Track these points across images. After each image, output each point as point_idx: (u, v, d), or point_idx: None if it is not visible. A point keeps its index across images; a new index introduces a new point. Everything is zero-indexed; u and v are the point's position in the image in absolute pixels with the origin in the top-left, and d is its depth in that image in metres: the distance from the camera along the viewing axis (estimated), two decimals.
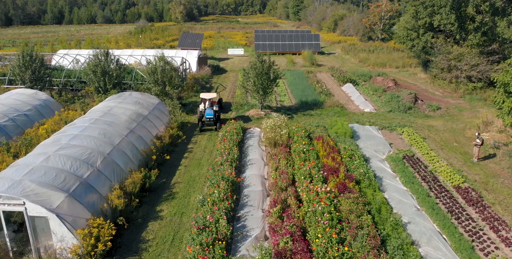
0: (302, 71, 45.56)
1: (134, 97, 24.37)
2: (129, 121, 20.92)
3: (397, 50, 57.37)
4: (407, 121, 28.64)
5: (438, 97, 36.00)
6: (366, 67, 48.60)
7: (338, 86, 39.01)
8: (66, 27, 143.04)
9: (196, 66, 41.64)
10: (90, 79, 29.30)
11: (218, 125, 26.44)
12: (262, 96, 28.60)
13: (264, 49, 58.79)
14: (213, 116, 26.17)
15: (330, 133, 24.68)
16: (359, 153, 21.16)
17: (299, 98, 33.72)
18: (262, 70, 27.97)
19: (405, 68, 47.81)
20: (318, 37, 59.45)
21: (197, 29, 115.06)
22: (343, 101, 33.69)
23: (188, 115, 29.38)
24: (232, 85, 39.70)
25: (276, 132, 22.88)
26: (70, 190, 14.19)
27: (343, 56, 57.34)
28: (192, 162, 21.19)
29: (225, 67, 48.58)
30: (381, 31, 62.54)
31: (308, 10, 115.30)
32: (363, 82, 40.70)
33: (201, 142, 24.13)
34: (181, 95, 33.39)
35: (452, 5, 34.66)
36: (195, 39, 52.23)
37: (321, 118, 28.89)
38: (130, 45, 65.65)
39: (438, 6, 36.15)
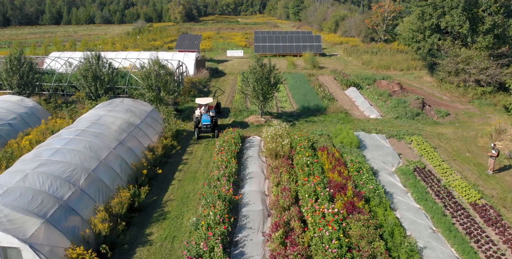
0: (304, 74, 44.03)
1: (125, 105, 22.83)
2: (119, 132, 19.38)
3: (401, 51, 55.87)
4: (415, 129, 27.11)
5: (446, 102, 34.47)
6: (370, 70, 47.06)
7: (341, 90, 37.48)
8: (64, 27, 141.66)
9: (193, 69, 40.11)
10: (80, 84, 27.78)
11: (216, 132, 25.02)
12: (262, 102, 27.07)
13: (264, 51, 57.28)
14: (209, 123, 24.73)
15: (335, 142, 23.14)
16: (367, 166, 19.62)
17: (301, 103, 32.18)
18: (262, 75, 26.44)
19: (410, 70, 46.29)
20: (319, 39, 57.93)
21: (196, 29, 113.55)
22: (347, 106, 32.15)
23: (184, 122, 27.85)
24: (231, 89, 38.17)
25: (277, 142, 21.35)
26: (47, 215, 12.66)
27: (345, 58, 55.80)
28: (187, 175, 19.64)
29: (223, 69, 47.05)
30: (384, 32, 61.00)
31: (309, 10, 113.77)
32: (367, 85, 39.17)
33: (197, 153, 22.58)
34: (177, 100, 31.85)
35: (464, 6, 33.10)
36: (193, 41, 50.71)
37: (325, 125, 27.36)
38: (126, 46, 64.12)
39: (449, 7, 34.58)
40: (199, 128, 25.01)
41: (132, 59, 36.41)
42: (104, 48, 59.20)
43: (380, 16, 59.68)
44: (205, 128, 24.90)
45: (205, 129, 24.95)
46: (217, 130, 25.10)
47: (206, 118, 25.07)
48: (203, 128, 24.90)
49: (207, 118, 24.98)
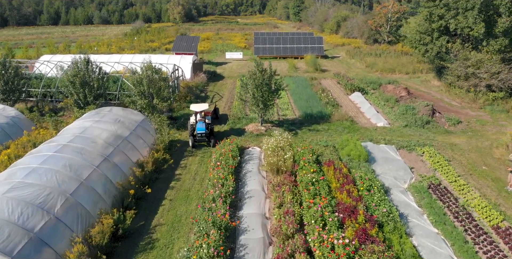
0: (305, 77, 42.25)
1: (114, 114, 21.05)
2: (105, 146, 17.60)
3: (405, 54, 54.07)
4: (426, 138, 25.33)
5: (456, 108, 32.70)
6: (374, 73, 45.28)
7: (345, 95, 35.69)
8: (62, 28, 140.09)
9: (190, 73, 38.32)
10: (68, 91, 25.99)
11: (212, 142, 23.43)
12: (262, 110, 25.29)
13: (264, 53, 55.50)
14: (205, 131, 23.19)
15: (342, 155, 21.35)
16: (378, 184, 17.83)
17: (304, 109, 30.40)
18: (263, 81, 24.65)
19: (416, 74, 44.50)
20: (321, 40, 56.13)
21: (195, 30, 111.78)
22: (352, 113, 30.37)
23: (179, 131, 26.08)
24: (230, 93, 36.37)
25: (278, 156, 19.58)
26: (14, 252, 10.89)
27: (348, 60, 54.01)
28: (179, 194, 17.85)
29: (222, 73, 45.26)
30: (388, 33, 59.21)
31: (309, 10, 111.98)
32: (372, 90, 37.37)
33: (191, 167, 20.79)
34: (172, 107, 30.09)
35: (480, 8, 31.27)
36: (191, 43, 48.94)
37: (329, 134, 25.57)
38: (122, 48, 62.32)
39: (463, 9, 32.76)
40: (194, 136, 23.44)
41: (125, 63, 34.62)
42: (99, 50, 57.43)
43: (383, 17, 57.88)
44: (200, 136, 23.36)
45: (199, 138, 23.41)
46: (213, 140, 23.50)
47: (201, 126, 23.49)
48: (197, 137, 23.37)
49: (202, 126, 23.42)
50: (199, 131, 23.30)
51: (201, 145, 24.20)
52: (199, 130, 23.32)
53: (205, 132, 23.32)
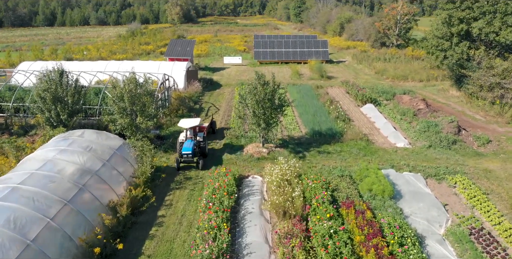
0: (310, 86, 38.59)
1: (85, 140, 17.37)
2: (67, 187, 13.94)
3: (416, 58, 50.46)
4: (455, 163, 21.67)
5: (481, 123, 29.05)
6: (385, 80, 41.64)
7: (356, 107, 32.03)
8: (58, 29, 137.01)
9: (183, 82, 34.63)
10: (37, 107, 22.32)
11: (201, 162, 20.51)
12: (264, 130, 21.62)
13: (265, 57, 51.86)
14: (191, 151, 20.33)
15: (362, 189, 17.69)
16: (411, 233, 14.17)
17: (311, 125, 26.75)
18: (265, 96, 20.98)
19: (431, 81, 40.84)
20: (326, 44, 52.48)
21: (193, 31, 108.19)
22: (367, 130, 26.72)
23: (167, 153, 22.42)
24: (227, 105, 32.69)
25: (285, 193, 15.94)
26: None
27: (355, 65, 50.34)
28: (160, 247, 14.15)
29: (219, 80, 41.59)
30: (397, 36, 55.57)
31: (311, 11, 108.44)
32: (385, 101, 33.72)
33: (177, 205, 17.10)
34: (160, 123, 26.44)
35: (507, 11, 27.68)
36: (186, 47, 45.28)
37: (343, 158, 21.89)
38: (114, 52, 58.64)
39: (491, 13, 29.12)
40: (181, 156, 20.55)
41: (110, 72, 30.91)
42: (88, 54, 53.77)
43: (392, 19, 54.24)
44: (186, 157, 20.36)
45: (185, 159, 20.46)
46: (201, 161, 20.61)
47: (187, 145, 20.63)
48: (183, 158, 20.39)
49: (188, 146, 20.60)
50: (184, 151, 20.37)
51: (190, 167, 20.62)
52: (184, 150, 20.39)
53: (191, 152, 20.36)
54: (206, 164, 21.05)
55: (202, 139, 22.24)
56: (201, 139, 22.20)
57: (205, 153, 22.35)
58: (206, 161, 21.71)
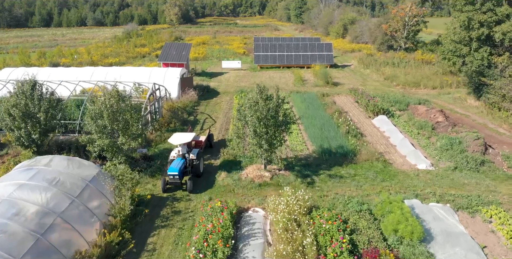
0: (315, 93, 35.60)
1: (52, 171, 14.38)
2: (20, 239, 10.97)
3: (426, 63, 47.48)
4: (486, 189, 18.70)
5: (506, 137, 26.06)
6: (395, 87, 38.66)
7: (367, 119, 29.06)
8: (54, 30, 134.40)
9: (177, 90, 31.63)
10: (6, 125, 19.31)
11: (188, 183, 18.02)
12: (267, 152, 18.62)
13: (266, 62, 48.87)
14: (177, 173, 17.99)
15: (385, 230, 14.66)
16: None
17: (319, 142, 23.78)
18: (267, 113, 18.00)
19: (445, 89, 37.86)
20: (330, 47, 49.49)
21: (191, 32, 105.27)
22: (382, 147, 23.73)
23: (154, 178, 19.41)
24: (225, 116, 29.69)
25: (294, 240, 12.97)
26: None
27: (361, 70, 47.34)
28: None
29: (217, 87, 38.58)
30: (405, 39, 52.60)
31: (312, 12, 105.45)
32: (398, 111, 30.74)
33: (162, 250, 14.04)
34: (149, 139, 23.47)
35: None
36: (181, 51, 42.28)
37: (358, 184, 18.88)
38: (107, 55, 55.62)
39: None
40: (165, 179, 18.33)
41: (95, 80, 27.92)
42: (79, 58, 50.75)
43: (400, 20, 51.25)
44: (172, 179, 18.08)
45: (171, 181, 18.16)
46: (189, 182, 18.12)
47: (175, 165, 18.37)
48: (169, 179, 18.15)
49: (175, 166, 18.29)
50: (170, 172, 18.02)
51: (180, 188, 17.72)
52: (170, 171, 18.02)
53: (177, 174, 17.95)
54: (198, 186, 18.42)
55: (195, 156, 19.55)
56: (194, 157, 19.52)
57: (198, 173, 19.64)
58: (200, 181, 18.97)
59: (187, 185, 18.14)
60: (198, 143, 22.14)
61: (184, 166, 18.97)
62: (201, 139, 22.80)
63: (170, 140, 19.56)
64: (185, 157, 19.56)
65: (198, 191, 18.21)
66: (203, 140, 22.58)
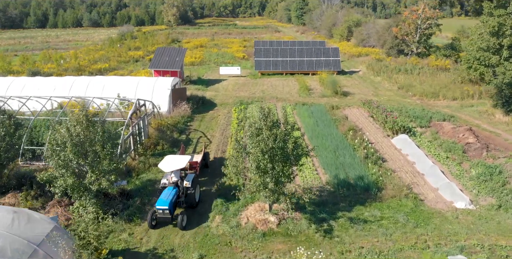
0: (324, 105, 31.84)
1: None
2: None
3: (441, 69, 43.79)
4: None
5: None
6: (411, 98, 34.90)
7: (385, 138, 25.32)
8: (49, 31, 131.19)
9: (167, 104, 27.83)
10: None
11: (179, 218, 15.17)
12: (273, 194, 14.82)
13: (267, 68, 45.12)
14: (167, 207, 15.12)
15: None
16: None
17: (333, 169, 20.03)
18: (274, 143, 14.24)
19: (466, 100, 34.07)
20: (337, 52, 45.77)
21: (189, 34, 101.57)
22: (408, 176, 19.98)
23: (132, 224, 15.60)
24: (221, 135, 25.87)
25: None
26: None
27: (371, 77, 43.58)
28: None
29: (214, 97, 34.77)
30: (417, 43, 48.86)
31: (314, 13, 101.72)
32: (419, 128, 27.01)
33: None
34: (131, 165, 19.71)
35: None
36: (175, 56, 38.54)
37: (387, 232, 15.08)
38: (96, 60, 51.80)
39: None
40: (153, 213, 15.39)
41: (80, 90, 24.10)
42: (66, 63, 46.92)
43: (412, 23, 47.52)
44: (161, 214, 15.26)
45: (160, 216, 15.34)
46: (183, 215, 15.39)
47: (165, 196, 15.50)
48: (158, 214, 15.30)
49: (165, 198, 15.39)
50: (158, 205, 15.17)
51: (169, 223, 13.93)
52: (159, 204, 15.17)
53: (167, 208, 15.10)
54: (188, 231, 14.86)
55: (190, 184, 16.46)
56: (189, 185, 16.41)
57: (193, 203, 16.53)
58: (190, 223, 15.47)
59: (179, 221, 15.03)
60: (192, 164, 19.01)
61: (176, 196, 15.91)
62: (196, 159, 19.70)
63: (160, 166, 16.39)
64: (178, 186, 16.37)
65: (186, 244, 14.43)
66: (198, 161, 19.45)
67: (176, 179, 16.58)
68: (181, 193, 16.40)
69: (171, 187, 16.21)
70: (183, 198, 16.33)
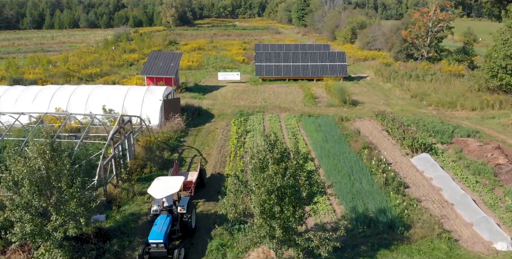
0: (332, 117, 28.97)
1: None
2: None
3: (455, 75, 40.99)
4: None
5: None
6: (427, 108, 32.06)
7: (403, 157, 22.44)
8: (45, 32, 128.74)
9: (158, 117, 24.93)
10: None
11: (176, 252, 12.75)
12: (282, 244, 11.96)
13: (269, 73, 42.29)
14: (162, 241, 12.85)
15: None
16: None
17: (349, 200, 17.16)
18: (283, 180, 11.39)
19: (486, 110, 31.24)
20: (343, 57, 42.97)
21: (187, 36, 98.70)
22: (436, 208, 17.11)
23: None
24: (219, 153, 22.94)
25: None
26: None
27: (381, 84, 40.74)
28: None
29: (211, 107, 31.88)
30: (428, 47, 46.02)
31: (316, 15, 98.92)
32: (439, 144, 24.18)
33: None
34: (111, 194, 16.84)
35: None
36: (169, 62, 35.70)
37: None
38: (87, 65, 48.90)
39: None
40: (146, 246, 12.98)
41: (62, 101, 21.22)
42: (53, 69, 44.00)
43: (423, 26, 44.70)
44: (155, 249, 12.92)
45: (155, 251, 12.91)
46: (181, 250, 13.13)
47: (158, 228, 13.17)
48: (152, 249, 12.94)
49: (159, 230, 13.08)
50: (151, 239, 12.88)
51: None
52: (153, 238, 12.87)
53: (162, 241, 12.80)
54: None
55: (185, 209, 14.17)
56: (184, 210, 14.16)
57: (189, 230, 14.16)
58: None
59: (175, 256, 12.57)
60: (186, 184, 16.68)
61: (171, 225, 13.51)
62: (191, 178, 17.40)
63: (151, 192, 13.94)
64: (172, 211, 13.99)
65: None
66: (193, 180, 17.13)
67: (168, 204, 14.10)
68: (176, 219, 14.04)
69: (164, 215, 13.74)
70: (177, 226, 13.92)
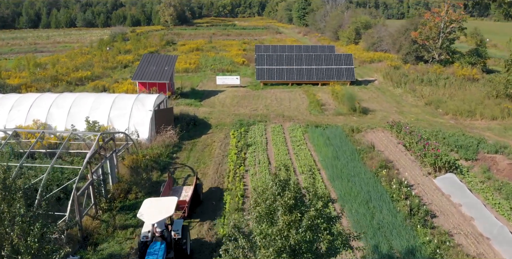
0: (341, 128, 26.30)
1: None
2: None
3: (470, 80, 38.35)
4: None
5: None
6: (443, 117, 29.41)
7: (425, 177, 19.76)
8: (41, 31, 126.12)
9: (148, 130, 22.19)
10: None
11: None
12: None
13: (271, 77, 39.59)
14: None
15: None
16: None
17: (371, 236, 14.47)
18: (297, 234, 8.71)
19: (507, 119, 28.64)
20: (350, 59, 40.29)
21: (185, 36, 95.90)
22: (472, 245, 14.43)
23: None
24: (216, 172, 20.17)
25: None
26: None
27: (391, 89, 38.04)
28: None
29: (208, 116, 29.14)
30: (439, 49, 43.35)
31: (318, 14, 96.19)
32: (463, 160, 21.54)
33: None
34: (88, 228, 14.18)
35: None
36: (163, 65, 33.00)
37: None
38: (78, 67, 46.17)
39: None
40: None
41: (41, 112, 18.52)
42: (41, 72, 41.29)
43: (434, 27, 42.02)
44: None
45: None
46: None
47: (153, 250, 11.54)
48: None
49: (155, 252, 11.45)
50: None
51: None
52: None
53: None
54: None
55: (180, 234, 12.48)
56: (179, 235, 12.47)
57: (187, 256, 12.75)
58: None
59: None
60: (180, 204, 14.47)
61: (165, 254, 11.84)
62: (185, 194, 15.64)
63: (141, 216, 12.12)
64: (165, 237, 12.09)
65: None
66: (187, 200, 15.12)
67: (161, 229, 12.02)
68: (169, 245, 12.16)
69: (158, 242, 11.81)
70: (172, 253, 12.02)
